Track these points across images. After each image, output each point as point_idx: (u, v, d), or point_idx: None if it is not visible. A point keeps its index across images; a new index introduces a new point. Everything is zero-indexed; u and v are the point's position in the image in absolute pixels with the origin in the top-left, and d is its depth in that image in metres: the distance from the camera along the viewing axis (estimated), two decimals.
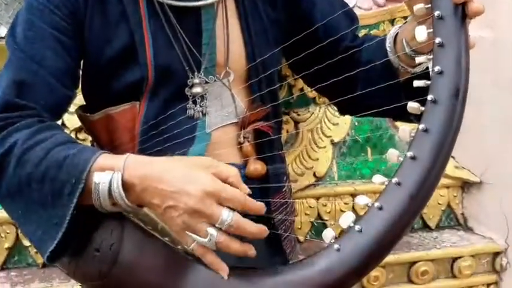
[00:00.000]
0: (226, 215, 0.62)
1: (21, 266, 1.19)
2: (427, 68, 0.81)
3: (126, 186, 0.63)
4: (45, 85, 0.73)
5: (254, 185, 0.83)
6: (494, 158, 1.37)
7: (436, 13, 0.64)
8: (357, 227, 0.63)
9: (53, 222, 0.64)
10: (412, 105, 0.65)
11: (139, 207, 0.67)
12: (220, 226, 0.62)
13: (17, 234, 1.16)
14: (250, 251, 0.65)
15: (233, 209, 0.63)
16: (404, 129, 0.66)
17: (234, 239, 0.63)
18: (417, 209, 0.64)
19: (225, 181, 0.64)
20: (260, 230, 0.64)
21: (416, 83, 0.67)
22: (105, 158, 0.65)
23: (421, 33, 0.66)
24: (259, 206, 0.65)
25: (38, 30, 0.74)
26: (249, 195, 0.65)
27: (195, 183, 0.62)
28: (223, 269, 0.64)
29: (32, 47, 0.74)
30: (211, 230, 0.62)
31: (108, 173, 0.63)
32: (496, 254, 1.37)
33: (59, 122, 1.14)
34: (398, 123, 1.35)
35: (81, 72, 0.81)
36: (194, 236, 0.63)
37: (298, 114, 1.32)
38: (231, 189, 0.63)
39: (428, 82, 0.65)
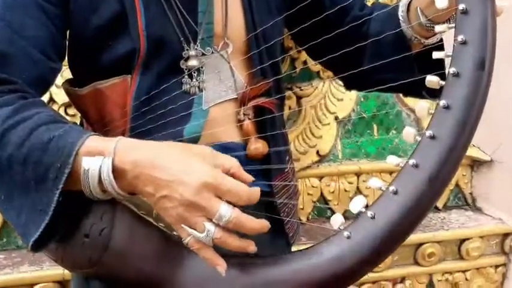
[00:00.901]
0: (225, 210, 0.57)
1: (10, 249, 1.17)
2: (441, 39, 0.77)
3: (117, 172, 0.59)
4: (27, 57, 0.68)
5: (255, 165, 0.79)
6: (506, 136, 1.35)
7: None
8: (370, 213, 0.60)
9: (37, 209, 0.60)
10: (431, 79, 0.61)
11: (132, 195, 0.62)
12: (217, 222, 0.57)
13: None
14: (250, 247, 0.60)
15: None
16: (423, 105, 0.62)
17: (233, 235, 0.59)
18: (436, 194, 0.60)
19: (226, 173, 0.59)
20: (261, 225, 0.59)
21: (436, 55, 0.63)
22: (93, 141, 0.60)
23: None
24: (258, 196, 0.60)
25: None
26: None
27: (192, 173, 0.57)
28: (221, 265, 0.60)
29: (12, 15, 0.69)
30: (209, 225, 0.57)
31: (98, 158, 0.59)
32: (506, 235, 1.35)
33: (47, 97, 1.12)
34: (406, 100, 1.34)
35: (67, 43, 0.77)
36: (190, 229, 0.58)
37: (301, 89, 1.29)
38: (233, 181, 0.58)
39: (450, 54, 0.61)
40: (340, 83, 1.07)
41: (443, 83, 0.60)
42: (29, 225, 0.61)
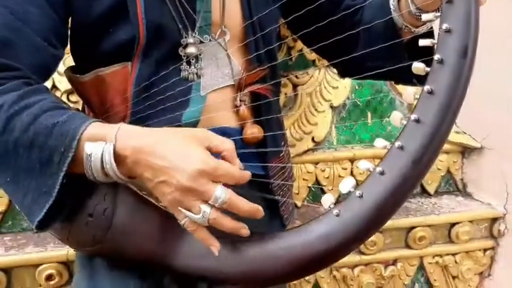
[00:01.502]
0: (220, 192, 0.59)
1: (16, 231, 1.18)
2: (431, 27, 0.79)
3: (118, 157, 0.61)
4: (31, 44, 0.69)
5: (251, 149, 0.82)
6: (496, 123, 1.35)
7: None
8: (358, 193, 0.62)
9: (42, 191, 0.62)
10: (417, 66, 0.62)
11: (131, 179, 0.65)
12: (213, 203, 0.60)
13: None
14: (243, 230, 0.63)
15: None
16: (409, 91, 0.65)
17: (227, 217, 0.61)
18: (420, 175, 0.62)
19: (219, 153, 0.62)
20: (254, 208, 0.62)
21: (422, 42, 0.64)
22: (95, 127, 0.62)
23: None
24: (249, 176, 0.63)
25: None
26: (246, 160, 0.63)
27: (189, 160, 0.59)
28: (215, 245, 0.63)
29: (15, 2, 0.69)
30: (204, 207, 0.60)
31: (100, 144, 0.61)
32: (494, 220, 1.37)
33: (50, 84, 1.13)
34: (400, 87, 1.35)
35: (69, 31, 0.78)
36: (186, 212, 0.61)
37: (297, 77, 1.29)
38: (226, 166, 0.61)
39: (435, 41, 0.63)
40: (335, 71, 1.08)
41: (428, 69, 0.61)
42: (34, 206, 0.63)
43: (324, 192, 1.33)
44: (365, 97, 1.36)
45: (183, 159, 0.60)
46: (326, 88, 1.31)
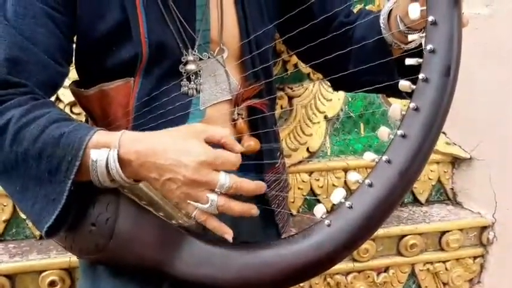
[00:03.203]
0: (224, 179, 0.64)
1: (19, 238, 1.20)
2: (421, 44, 0.82)
3: (122, 162, 0.64)
4: (38, 62, 0.72)
5: (248, 161, 0.84)
6: (485, 135, 1.38)
7: None
8: (348, 203, 0.64)
9: (51, 198, 0.65)
10: (403, 84, 0.65)
11: (136, 181, 0.68)
12: (219, 190, 0.64)
13: (15, 207, 1.17)
14: (253, 210, 0.67)
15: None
16: (395, 107, 0.67)
17: (234, 201, 0.65)
18: (406, 186, 0.65)
19: (218, 143, 0.66)
20: (258, 185, 0.66)
21: (408, 61, 0.67)
22: (100, 135, 0.66)
23: (414, 11, 0.66)
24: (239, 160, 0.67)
25: (29, 5, 0.72)
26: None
27: (190, 154, 0.64)
28: (228, 232, 0.67)
29: (23, 23, 0.72)
30: (212, 196, 0.64)
31: (105, 150, 0.64)
32: (483, 228, 1.39)
33: (54, 96, 1.15)
34: (391, 100, 1.37)
35: (74, 48, 0.80)
36: (195, 203, 0.64)
37: (293, 90, 1.32)
38: (225, 154, 0.65)
39: (420, 60, 0.65)
40: (329, 84, 1.11)
41: (414, 87, 0.64)
42: (43, 213, 0.66)
43: (318, 201, 1.35)
44: (358, 109, 1.38)
45: (184, 154, 0.64)
46: (320, 100, 1.34)
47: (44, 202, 0.66)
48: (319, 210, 0.68)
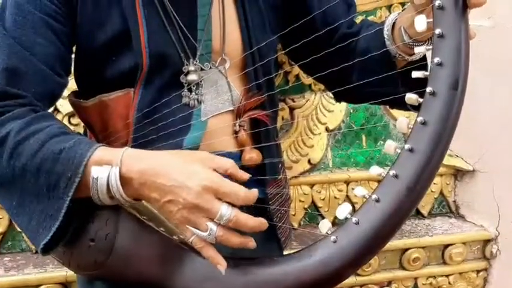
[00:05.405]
0: (225, 210, 0.61)
1: (15, 251, 1.19)
2: (424, 55, 0.81)
3: (124, 180, 0.63)
4: (37, 73, 0.71)
5: (249, 174, 0.83)
6: (488, 147, 1.38)
7: (437, 3, 0.63)
8: (354, 219, 0.63)
9: (48, 214, 0.64)
10: (410, 97, 0.64)
11: (137, 200, 0.66)
12: (219, 221, 0.62)
13: (11, 220, 1.15)
14: (250, 242, 0.65)
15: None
16: (402, 121, 0.66)
17: (234, 232, 0.63)
18: (414, 202, 0.64)
19: (223, 173, 0.64)
20: (259, 223, 0.64)
21: (415, 74, 0.66)
22: (102, 152, 0.64)
23: (421, 23, 0.65)
24: (255, 196, 0.64)
25: (28, 15, 0.72)
26: (244, 184, 0.65)
27: (193, 178, 0.62)
28: (222, 264, 0.64)
29: (22, 33, 0.71)
30: (211, 225, 0.62)
31: (106, 168, 0.63)
32: (487, 242, 1.39)
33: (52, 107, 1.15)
34: (393, 112, 1.37)
35: (73, 58, 0.80)
36: (194, 229, 0.62)
37: (294, 101, 1.32)
38: (230, 184, 0.63)
39: (427, 73, 0.65)
40: (331, 95, 1.10)
41: (421, 100, 0.63)
42: (40, 229, 0.64)
43: (320, 214, 1.34)
44: (360, 121, 1.38)
45: (188, 177, 0.62)
46: (322, 111, 1.34)
47: (40, 218, 0.65)
48: (325, 225, 0.67)
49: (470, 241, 1.37)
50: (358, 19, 1.23)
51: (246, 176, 0.65)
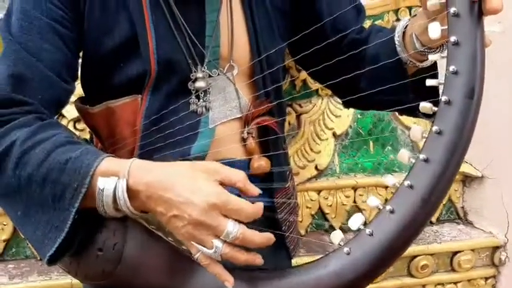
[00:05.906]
0: (232, 228, 0.60)
1: (19, 258, 1.18)
2: (435, 62, 0.80)
3: (131, 193, 0.62)
4: (44, 79, 0.71)
5: (258, 182, 0.82)
6: (497, 153, 1.37)
7: (452, 10, 0.61)
8: (368, 231, 0.62)
9: (54, 225, 0.63)
10: (425, 105, 0.63)
11: (143, 213, 0.65)
12: (225, 238, 0.60)
13: (15, 226, 1.13)
14: (257, 260, 0.63)
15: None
16: (417, 129, 0.65)
17: (240, 250, 0.62)
18: (429, 214, 0.63)
19: (233, 186, 0.62)
20: (266, 239, 0.62)
21: (429, 82, 0.65)
22: (109, 162, 0.63)
23: (435, 30, 0.64)
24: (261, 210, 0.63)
25: (34, 20, 0.71)
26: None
27: (200, 194, 0.60)
28: (229, 280, 0.63)
29: (29, 38, 0.71)
30: (217, 242, 0.60)
31: (113, 179, 0.62)
32: (496, 248, 1.38)
33: None
34: (401, 118, 1.37)
35: (80, 63, 0.79)
36: (199, 246, 0.61)
37: (301, 106, 1.31)
38: (237, 200, 0.61)
39: (442, 81, 0.63)
40: (338, 100, 1.09)
41: (435, 109, 0.62)
42: (45, 240, 0.64)
43: (327, 220, 1.33)
44: (367, 126, 1.37)
45: (194, 193, 0.60)
46: (329, 117, 1.33)
47: (46, 229, 0.64)
48: (337, 236, 0.65)
49: (478, 248, 1.36)
50: (366, 24, 1.23)
51: (256, 191, 0.64)
